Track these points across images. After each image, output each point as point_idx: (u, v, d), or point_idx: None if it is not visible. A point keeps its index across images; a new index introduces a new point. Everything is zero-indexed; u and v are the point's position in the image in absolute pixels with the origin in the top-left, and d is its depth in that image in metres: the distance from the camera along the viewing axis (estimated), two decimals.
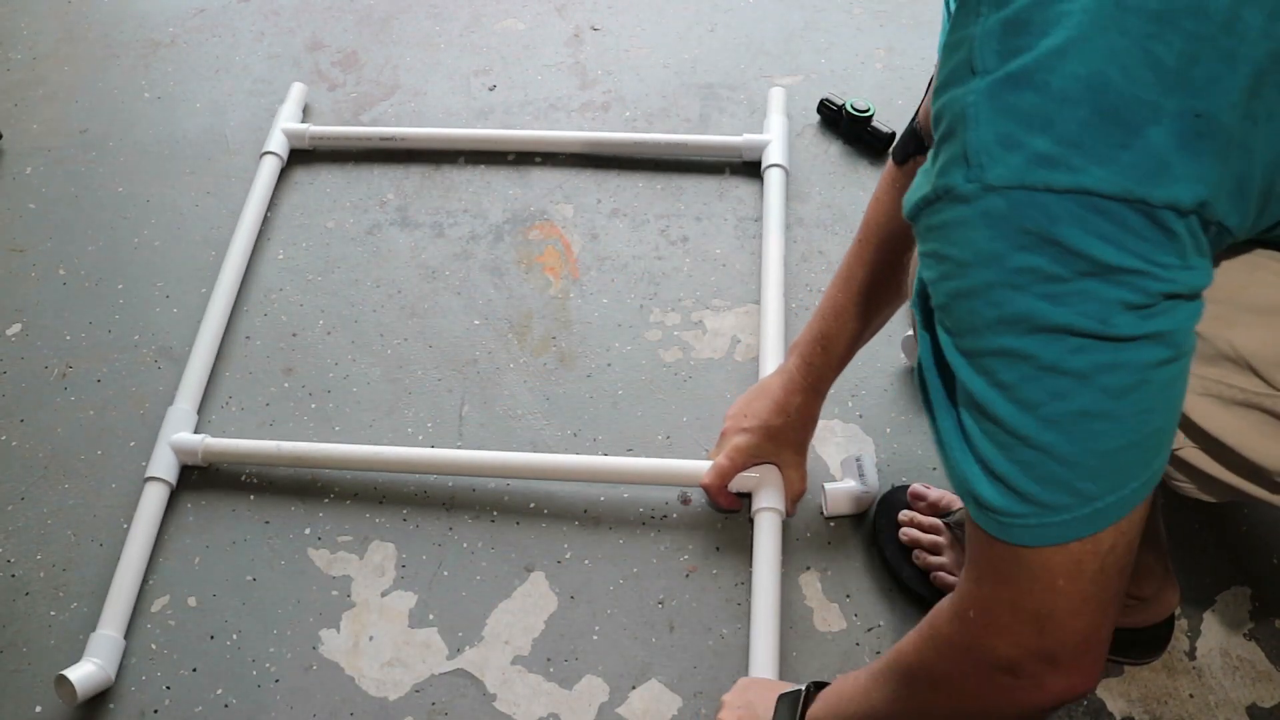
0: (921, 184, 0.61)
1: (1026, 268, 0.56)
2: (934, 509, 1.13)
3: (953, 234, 0.58)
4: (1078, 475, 0.59)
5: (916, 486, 1.14)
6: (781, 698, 0.91)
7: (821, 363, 1.06)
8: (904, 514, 1.13)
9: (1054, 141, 0.54)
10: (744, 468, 1.13)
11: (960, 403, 0.62)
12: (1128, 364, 0.57)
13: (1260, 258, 0.68)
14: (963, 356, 0.60)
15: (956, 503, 1.12)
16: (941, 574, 1.07)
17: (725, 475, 1.13)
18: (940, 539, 1.09)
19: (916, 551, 1.10)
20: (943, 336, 0.62)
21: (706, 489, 1.14)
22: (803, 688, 0.89)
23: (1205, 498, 0.76)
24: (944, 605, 0.69)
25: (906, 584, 1.10)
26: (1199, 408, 0.69)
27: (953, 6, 0.62)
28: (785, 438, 1.11)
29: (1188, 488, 0.76)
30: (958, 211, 0.58)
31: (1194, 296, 0.58)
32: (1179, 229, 0.55)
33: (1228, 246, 0.63)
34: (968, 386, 0.60)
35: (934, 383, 0.65)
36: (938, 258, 0.60)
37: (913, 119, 0.95)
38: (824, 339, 1.05)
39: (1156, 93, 0.54)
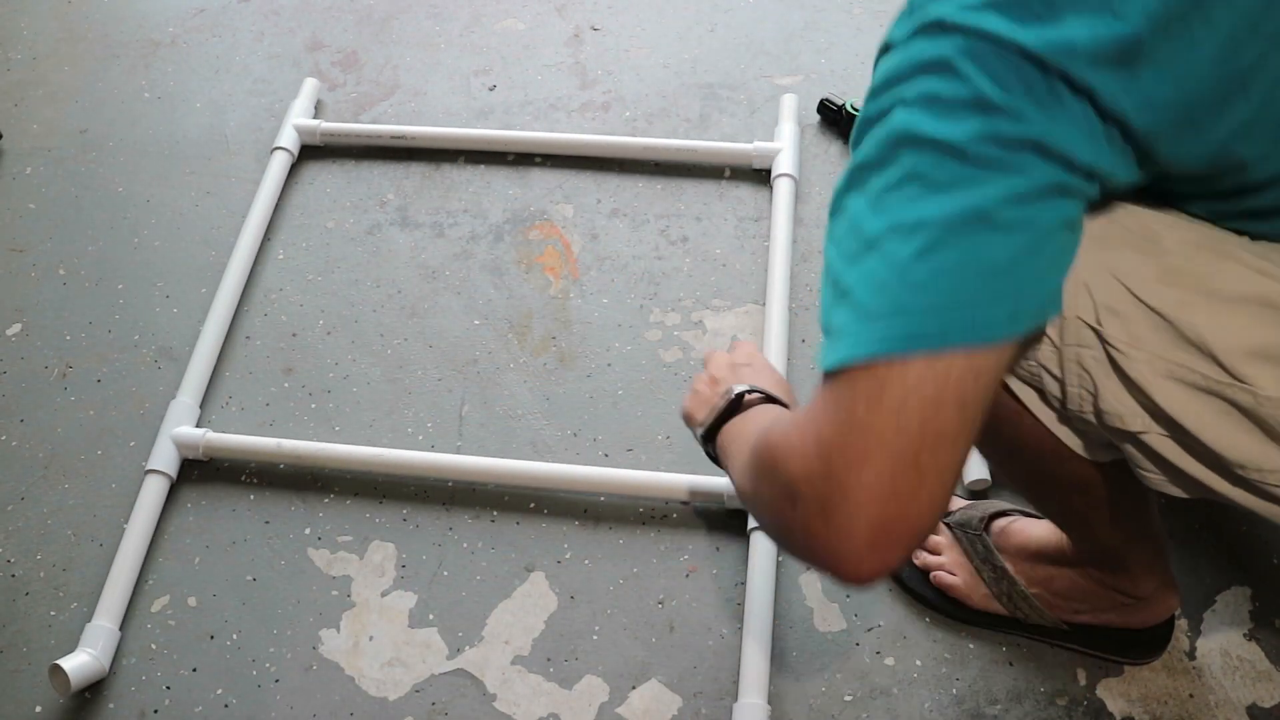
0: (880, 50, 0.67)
1: (922, 85, 0.61)
2: None
3: (875, 71, 0.64)
4: (904, 286, 0.59)
5: None
6: (723, 396, 0.91)
7: None
8: None
9: None
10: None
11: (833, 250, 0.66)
12: (976, 189, 0.59)
13: (1230, 246, 0.68)
14: (842, 184, 0.65)
15: (959, 502, 1.12)
16: (941, 574, 1.07)
17: None
18: (940, 539, 1.10)
19: (916, 552, 1.10)
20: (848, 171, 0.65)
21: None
22: (736, 394, 0.89)
23: (1174, 491, 0.75)
24: (807, 427, 0.64)
25: (905, 584, 1.10)
26: (1163, 390, 0.69)
27: None
28: None
29: (1155, 479, 0.75)
30: (889, 56, 0.64)
31: (1055, 156, 0.59)
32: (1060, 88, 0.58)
33: (1174, 201, 0.65)
34: (843, 201, 0.64)
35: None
36: (874, 79, 0.65)
37: None
38: None
39: None
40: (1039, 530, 1.02)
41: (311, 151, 1.56)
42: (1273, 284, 0.66)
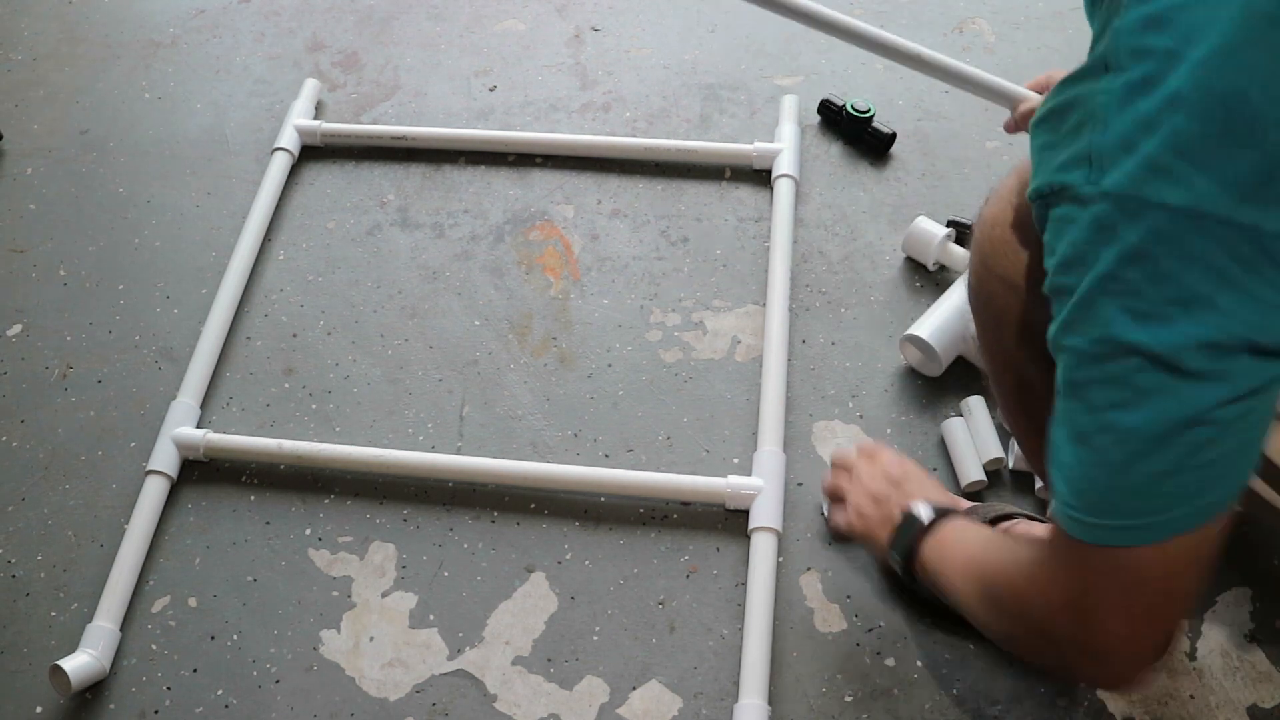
0: (1042, 169, 0.61)
1: (1118, 276, 0.56)
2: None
3: (1063, 230, 0.58)
4: (1118, 489, 0.60)
5: None
6: (909, 518, 0.92)
7: None
8: None
9: (1171, 150, 0.53)
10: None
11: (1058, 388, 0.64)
12: (1187, 398, 0.56)
13: None
14: (1055, 347, 0.62)
15: (961, 505, 1.12)
16: None
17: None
18: None
19: None
20: (1054, 323, 0.63)
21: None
22: (926, 518, 0.91)
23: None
24: (1035, 569, 0.70)
25: (907, 585, 1.10)
26: None
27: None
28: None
29: None
30: (1071, 211, 0.57)
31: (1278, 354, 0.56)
32: None
33: None
34: (1058, 374, 0.62)
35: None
36: (1049, 249, 0.61)
37: None
38: None
39: None
40: (1043, 531, 1.02)
41: (312, 152, 1.56)
42: None
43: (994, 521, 1.07)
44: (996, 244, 0.81)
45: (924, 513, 0.92)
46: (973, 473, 1.16)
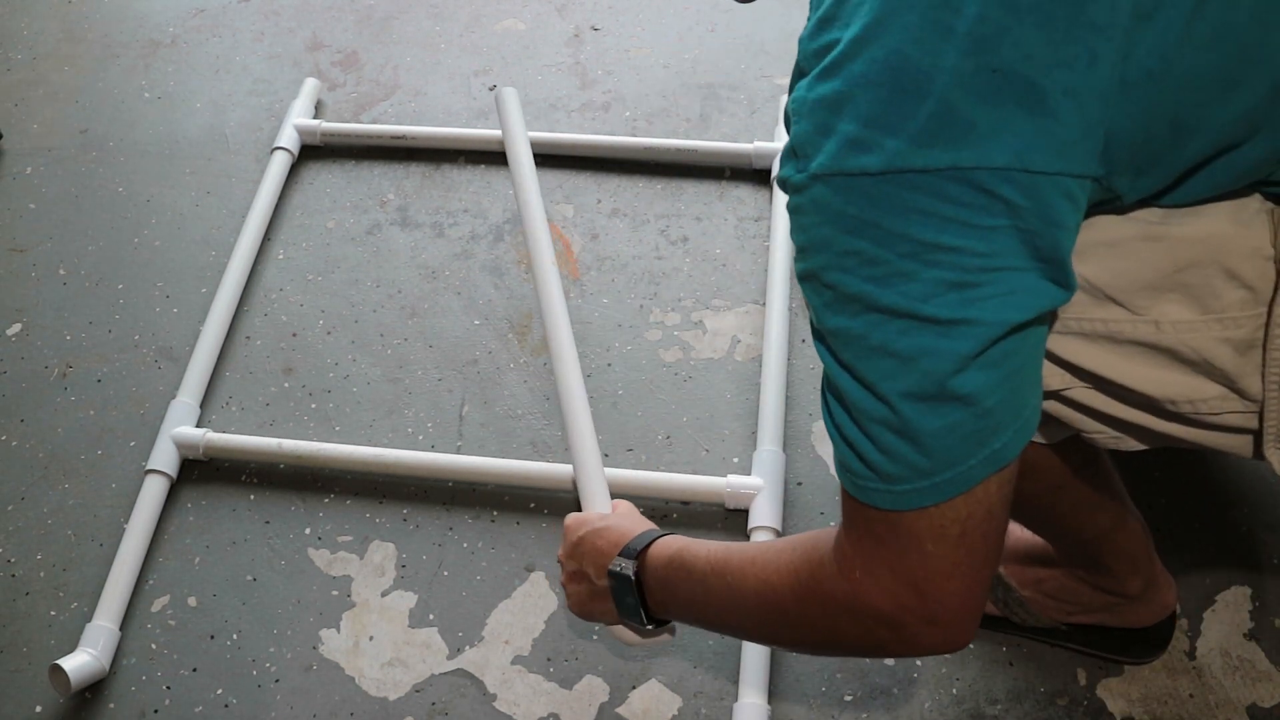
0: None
1: (852, 250, 0.58)
2: None
3: (794, 219, 0.62)
4: (912, 450, 0.61)
5: None
6: (614, 575, 0.83)
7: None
8: None
9: (859, 123, 0.57)
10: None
11: (829, 372, 0.65)
12: (949, 349, 0.58)
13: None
14: (814, 332, 0.64)
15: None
16: None
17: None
18: None
19: None
20: (813, 310, 0.64)
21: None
22: (630, 570, 0.82)
23: (1131, 445, 0.75)
24: (824, 558, 0.68)
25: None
26: (1070, 346, 0.69)
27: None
28: None
29: (1102, 437, 0.75)
30: (794, 200, 0.61)
31: (1027, 268, 0.58)
32: (1005, 192, 0.56)
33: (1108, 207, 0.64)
34: (821, 359, 0.64)
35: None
36: (792, 240, 0.64)
37: None
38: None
39: (951, 58, 0.55)
40: (1026, 533, 1.02)
41: (312, 151, 1.56)
42: (1143, 224, 0.66)
43: None
44: None
45: (623, 567, 0.82)
46: None
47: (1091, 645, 1.04)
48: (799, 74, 0.62)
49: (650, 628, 0.85)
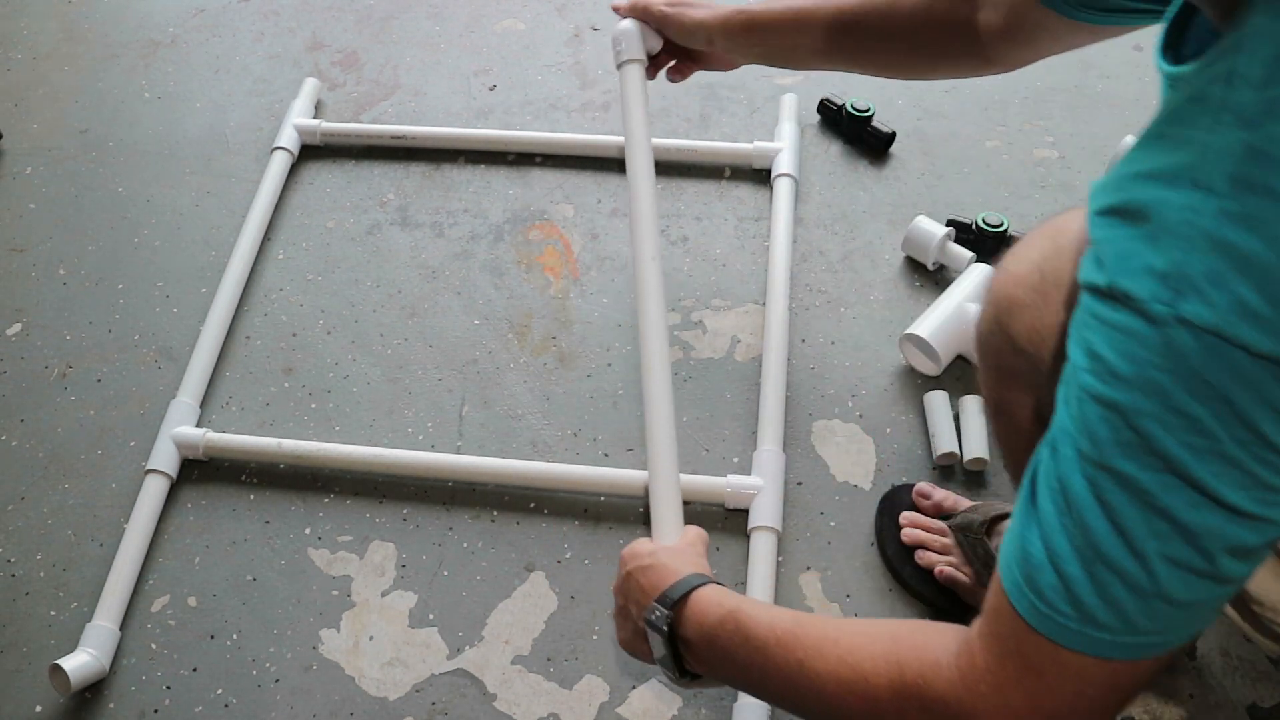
0: (1105, 267, 0.56)
1: (1184, 412, 0.52)
2: (938, 509, 1.12)
3: (1120, 342, 0.54)
4: (1141, 611, 0.57)
5: (922, 486, 1.14)
6: (649, 622, 0.80)
7: (745, 41, 1.05)
8: (906, 515, 1.13)
9: (1267, 300, 0.50)
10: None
11: (1044, 483, 0.59)
12: (1234, 536, 0.55)
13: None
14: (1075, 452, 0.57)
15: (962, 503, 1.12)
16: (948, 569, 1.07)
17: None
18: (947, 540, 1.09)
19: (920, 551, 1.10)
20: (1062, 419, 0.58)
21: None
22: (664, 623, 0.79)
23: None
24: (939, 660, 0.65)
25: (908, 583, 1.10)
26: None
27: (1171, 80, 0.56)
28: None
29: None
30: (1136, 324, 0.53)
31: None
32: None
33: None
34: (1066, 482, 0.58)
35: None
36: (1091, 354, 0.56)
37: None
38: (762, 27, 1.03)
39: None
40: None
41: (311, 151, 1.56)
42: None
43: (995, 520, 1.07)
44: (1015, 305, 0.78)
45: (658, 618, 0.80)
46: (946, 444, 1.18)
47: None
48: (1187, 178, 0.52)
49: (684, 680, 0.81)
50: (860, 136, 1.51)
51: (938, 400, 1.23)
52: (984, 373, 0.89)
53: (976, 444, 1.18)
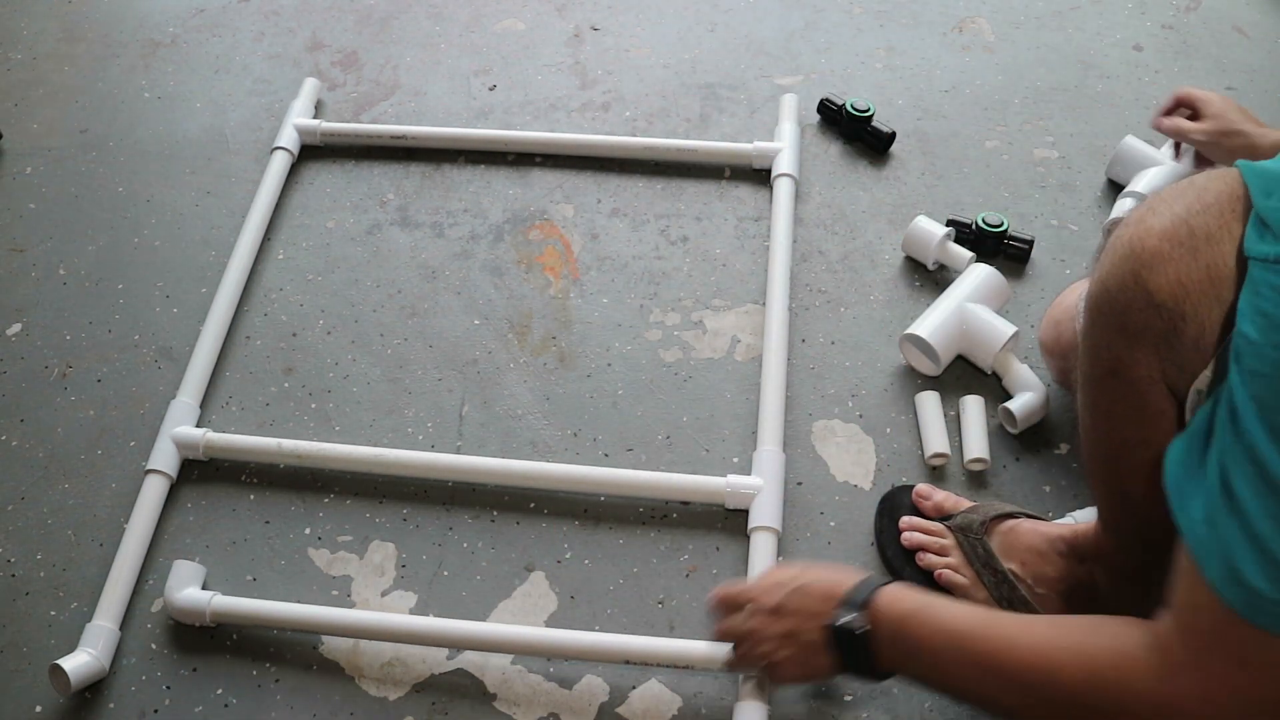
0: (1259, 235, 0.57)
1: None
2: (939, 510, 1.12)
3: None
4: None
5: (922, 487, 1.14)
6: (840, 630, 0.83)
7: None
8: (906, 519, 1.12)
9: None
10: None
11: (1236, 468, 0.59)
12: None
13: None
14: (1266, 428, 0.58)
15: (963, 504, 1.12)
16: (946, 573, 1.07)
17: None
18: (946, 542, 1.09)
19: (920, 554, 1.10)
20: (1243, 400, 0.59)
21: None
22: (859, 625, 0.81)
23: None
24: (1136, 653, 0.65)
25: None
26: None
27: None
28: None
29: None
30: None
31: None
32: None
33: None
34: (1265, 459, 0.58)
35: (1195, 446, 0.62)
36: (1272, 323, 0.57)
37: None
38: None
39: None
40: (1050, 529, 1.02)
41: (311, 151, 1.56)
42: None
43: (995, 520, 1.07)
44: (1159, 257, 0.75)
45: (851, 621, 0.83)
46: (937, 444, 1.19)
47: None
48: None
49: (875, 679, 0.84)
50: (860, 136, 1.52)
51: (928, 400, 1.23)
52: (1099, 333, 0.83)
53: (977, 444, 1.18)
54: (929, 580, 1.08)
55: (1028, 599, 1.02)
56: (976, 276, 1.28)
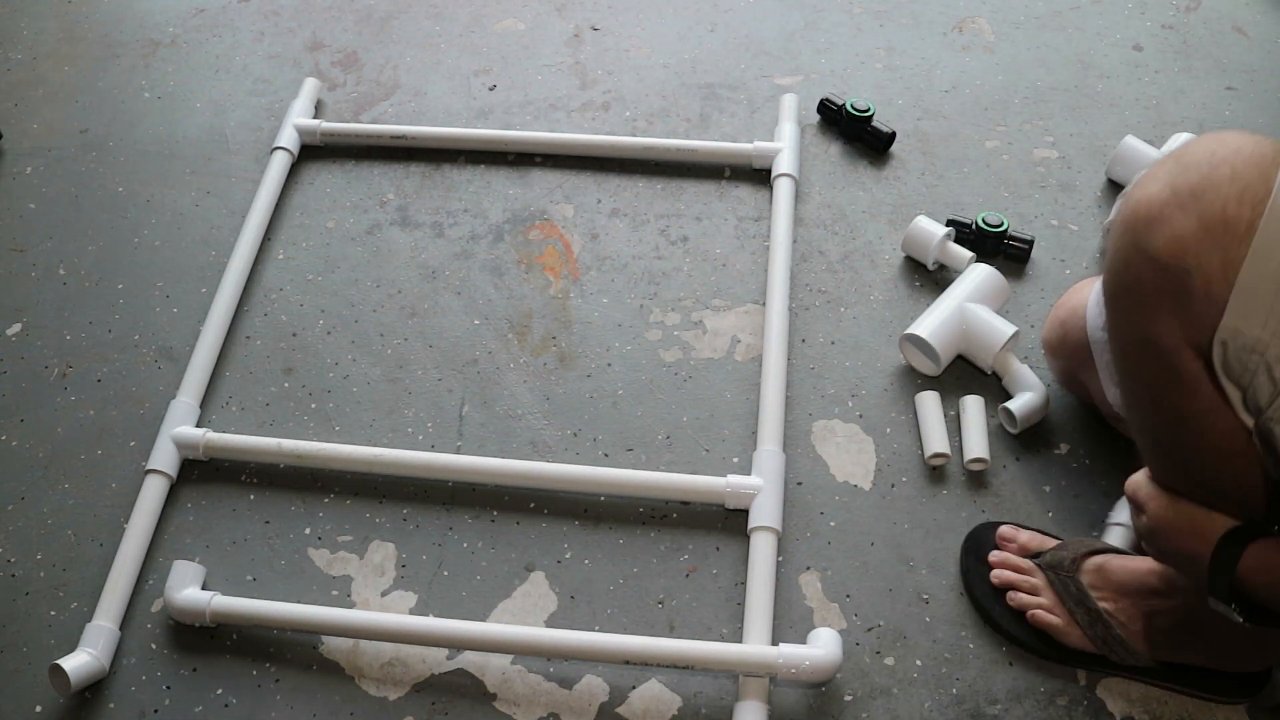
0: None
1: None
2: (1024, 551, 1.10)
3: None
4: None
5: (1005, 529, 1.12)
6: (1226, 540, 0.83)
7: None
8: (995, 555, 1.10)
9: None
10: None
11: None
12: None
13: None
14: None
15: (1048, 543, 1.09)
16: (1040, 613, 1.05)
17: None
18: (1037, 581, 1.07)
19: (1011, 593, 1.08)
20: None
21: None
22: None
23: None
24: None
25: (999, 625, 1.08)
26: None
27: None
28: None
29: None
30: None
31: None
32: None
33: None
34: None
35: None
36: None
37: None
38: None
39: None
40: (1140, 564, 1.01)
41: (311, 151, 1.56)
42: None
43: (1085, 557, 1.05)
44: (1152, 220, 0.77)
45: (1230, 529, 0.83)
46: (937, 444, 1.19)
47: (1183, 683, 1.02)
48: None
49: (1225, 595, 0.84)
50: (860, 136, 1.52)
51: (928, 400, 1.23)
52: (1122, 317, 0.84)
53: (977, 444, 1.18)
54: (1020, 620, 1.07)
55: (1122, 638, 1.01)
56: (976, 276, 1.28)
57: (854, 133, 1.52)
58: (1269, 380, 0.74)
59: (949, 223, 1.38)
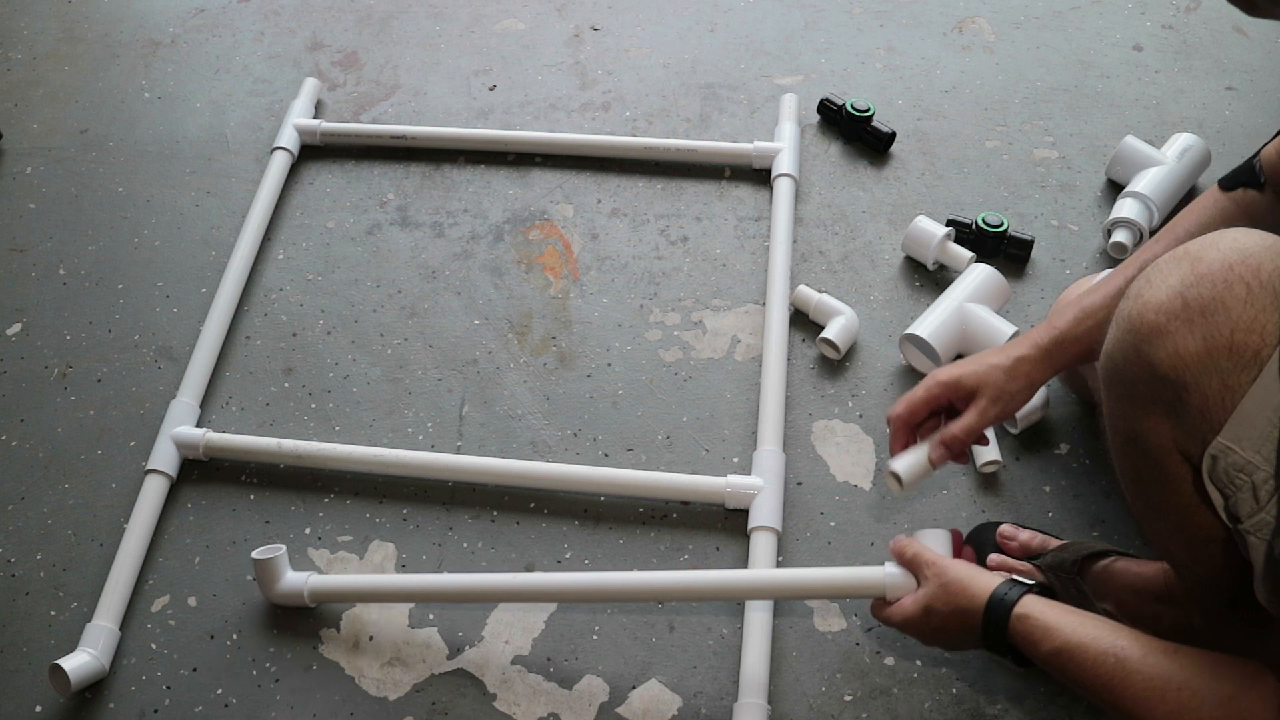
0: None
1: None
2: (1025, 551, 1.09)
3: None
4: None
5: (1006, 528, 1.11)
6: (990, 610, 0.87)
7: (1072, 333, 0.99)
8: (994, 557, 1.09)
9: None
10: (935, 398, 1.01)
11: None
12: None
13: None
14: None
15: (1050, 543, 1.09)
16: None
17: (913, 405, 1.01)
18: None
19: None
20: None
21: (889, 420, 1.04)
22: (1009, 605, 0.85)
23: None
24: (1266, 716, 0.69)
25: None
26: None
27: None
28: (991, 380, 0.99)
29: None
30: None
31: None
32: None
33: None
34: None
35: None
36: None
37: (1254, 156, 0.96)
38: (1087, 316, 0.98)
39: None
40: (1145, 568, 1.00)
41: (311, 151, 1.56)
42: None
43: (1088, 560, 1.04)
44: (1157, 331, 0.76)
45: (1019, 608, 0.86)
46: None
47: None
48: None
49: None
50: (860, 136, 1.52)
51: None
52: (1115, 404, 0.85)
53: (989, 446, 1.18)
54: None
55: None
56: (976, 276, 1.28)
57: (854, 133, 1.52)
58: (1252, 498, 0.74)
59: (949, 223, 1.38)
